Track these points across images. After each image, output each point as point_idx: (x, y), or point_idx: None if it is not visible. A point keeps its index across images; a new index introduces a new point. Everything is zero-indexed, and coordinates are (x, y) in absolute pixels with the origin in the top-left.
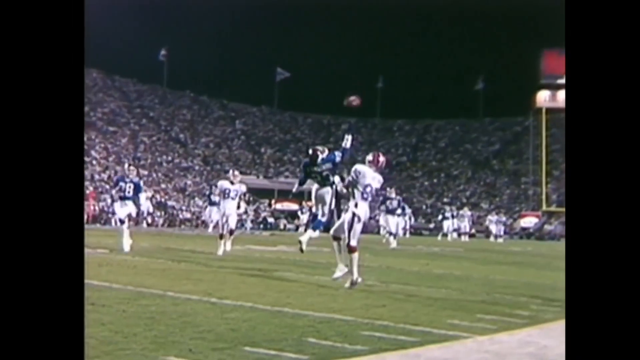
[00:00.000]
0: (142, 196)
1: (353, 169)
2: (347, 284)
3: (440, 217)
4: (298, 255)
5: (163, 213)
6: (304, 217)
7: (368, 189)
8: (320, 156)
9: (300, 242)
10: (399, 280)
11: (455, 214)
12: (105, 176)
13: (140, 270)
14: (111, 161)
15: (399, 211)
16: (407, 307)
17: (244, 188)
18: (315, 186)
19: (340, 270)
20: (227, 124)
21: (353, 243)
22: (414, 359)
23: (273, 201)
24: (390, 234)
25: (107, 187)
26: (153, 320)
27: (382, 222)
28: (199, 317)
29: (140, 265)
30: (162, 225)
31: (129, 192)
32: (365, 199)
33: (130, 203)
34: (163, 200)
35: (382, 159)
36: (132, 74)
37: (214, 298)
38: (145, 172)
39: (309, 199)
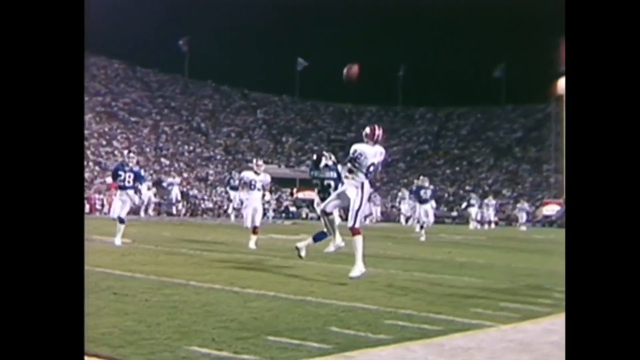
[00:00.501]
0: (144, 186)
1: (352, 150)
2: (352, 273)
3: (465, 204)
4: (320, 245)
5: (185, 203)
6: None
7: (372, 168)
8: (324, 162)
9: (297, 248)
10: (422, 268)
11: (479, 203)
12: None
13: (163, 259)
14: (133, 151)
15: (433, 203)
16: (431, 295)
17: (268, 178)
18: (316, 199)
19: (335, 247)
20: (249, 113)
21: (358, 225)
22: (437, 348)
23: (295, 190)
24: (421, 227)
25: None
26: (176, 309)
27: (404, 210)
28: (221, 307)
29: (163, 254)
30: (184, 214)
31: (128, 181)
32: (367, 177)
33: (131, 193)
34: (185, 189)
35: (378, 132)
36: (154, 65)
37: (236, 287)
38: (167, 162)
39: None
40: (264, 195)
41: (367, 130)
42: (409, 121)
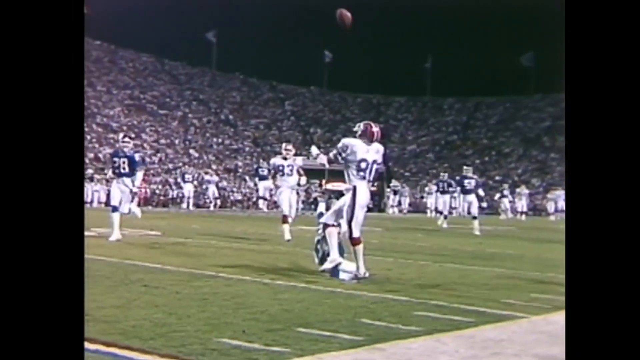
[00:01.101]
0: (139, 174)
1: (340, 145)
2: (351, 278)
3: (498, 195)
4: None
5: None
6: None
7: (364, 165)
8: None
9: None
10: (453, 259)
11: (512, 193)
12: (156, 159)
13: (193, 252)
14: (162, 144)
15: (480, 191)
16: (461, 287)
17: (299, 161)
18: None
19: (331, 262)
20: (277, 105)
21: (356, 234)
22: (469, 340)
23: (324, 181)
24: (445, 216)
25: (159, 170)
26: (206, 301)
27: (430, 204)
28: (252, 298)
29: (192, 247)
30: (214, 206)
31: (123, 168)
32: (364, 178)
33: (127, 181)
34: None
35: (375, 129)
36: (182, 58)
37: (266, 279)
38: (196, 155)
39: None
40: (299, 183)
41: (361, 127)
42: (437, 111)
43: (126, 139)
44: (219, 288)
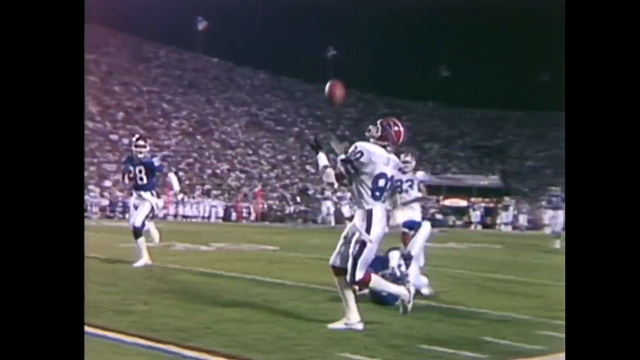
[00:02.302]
0: (172, 176)
1: (353, 148)
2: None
3: None
4: (469, 252)
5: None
6: (475, 214)
7: (382, 182)
8: None
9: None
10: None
11: None
12: (273, 175)
13: (312, 267)
14: (279, 160)
15: None
16: None
17: (420, 175)
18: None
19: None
20: None
21: (359, 275)
22: None
23: (441, 197)
24: None
25: (277, 185)
26: (326, 316)
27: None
28: (372, 314)
29: (311, 262)
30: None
31: (140, 178)
32: (380, 199)
33: (146, 195)
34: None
35: (400, 128)
36: (298, 74)
37: None
38: (313, 170)
39: (479, 194)
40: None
41: (379, 127)
42: (555, 126)
43: (140, 142)
44: (339, 303)
